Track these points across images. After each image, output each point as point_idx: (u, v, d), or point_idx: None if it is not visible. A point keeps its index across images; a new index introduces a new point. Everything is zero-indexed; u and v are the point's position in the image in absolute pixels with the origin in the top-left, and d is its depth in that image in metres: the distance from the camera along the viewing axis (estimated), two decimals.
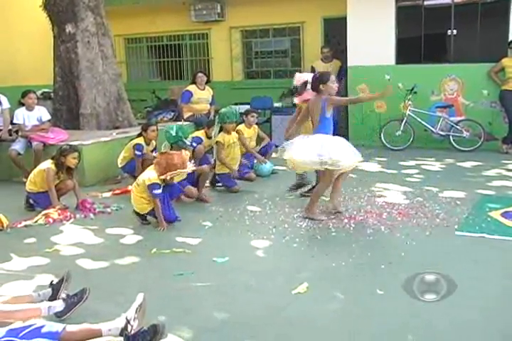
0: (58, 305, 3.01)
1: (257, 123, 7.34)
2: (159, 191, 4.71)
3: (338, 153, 4.64)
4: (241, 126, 6.93)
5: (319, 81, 4.79)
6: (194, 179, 5.69)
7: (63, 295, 3.10)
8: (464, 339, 2.75)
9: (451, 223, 4.60)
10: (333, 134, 4.89)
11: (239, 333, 2.85)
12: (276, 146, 7.54)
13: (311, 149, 4.68)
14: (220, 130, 6.22)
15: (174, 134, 5.34)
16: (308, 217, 4.86)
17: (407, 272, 3.47)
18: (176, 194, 5.11)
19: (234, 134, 6.32)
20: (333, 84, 4.79)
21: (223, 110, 6.34)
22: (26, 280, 3.62)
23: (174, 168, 4.73)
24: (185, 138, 5.51)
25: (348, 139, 5.16)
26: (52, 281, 3.29)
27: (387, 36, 8.69)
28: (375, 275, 3.56)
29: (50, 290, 3.21)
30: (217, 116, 6.51)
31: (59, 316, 2.97)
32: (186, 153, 5.67)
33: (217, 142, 6.17)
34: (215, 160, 6.23)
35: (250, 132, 7.03)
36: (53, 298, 3.14)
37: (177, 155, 4.86)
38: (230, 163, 6.16)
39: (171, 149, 5.44)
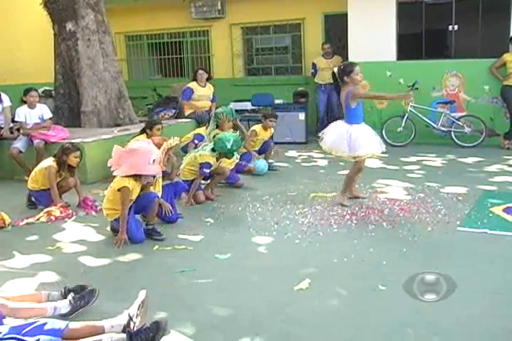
0: (64, 305, 2.97)
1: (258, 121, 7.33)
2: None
3: (358, 146, 4.86)
4: (257, 127, 6.92)
5: (343, 72, 4.93)
6: (209, 176, 5.54)
7: (70, 297, 3.03)
8: (466, 334, 2.75)
9: (453, 219, 4.60)
10: None
11: (241, 329, 2.85)
12: (276, 144, 7.54)
13: (338, 141, 4.97)
14: (217, 127, 6.28)
15: (229, 147, 5.27)
16: (339, 201, 5.15)
17: (409, 268, 3.47)
18: (180, 192, 5.08)
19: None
20: (358, 75, 4.90)
21: (219, 110, 6.42)
22: (28, 277, 3.62)
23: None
24: (236, 151, 5.50)
25: None
26: (65, 287, 3.17)
27: (388, 32, 8.67)
28: (377, 271, 3.56)
29: (60, 293, 3.14)
30: (212, 114, 6.56)
31: (63, 315, 2.94)
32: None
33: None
34: None
35: (266, 134, 7.00)
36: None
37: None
38: (224, 160, 6.09)
39: (217, 158, 5.40)
